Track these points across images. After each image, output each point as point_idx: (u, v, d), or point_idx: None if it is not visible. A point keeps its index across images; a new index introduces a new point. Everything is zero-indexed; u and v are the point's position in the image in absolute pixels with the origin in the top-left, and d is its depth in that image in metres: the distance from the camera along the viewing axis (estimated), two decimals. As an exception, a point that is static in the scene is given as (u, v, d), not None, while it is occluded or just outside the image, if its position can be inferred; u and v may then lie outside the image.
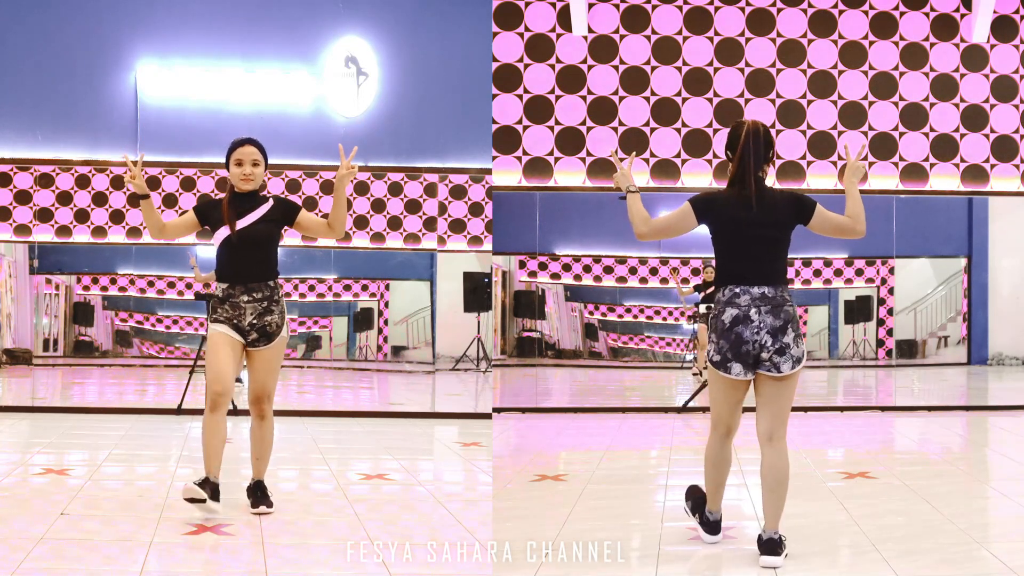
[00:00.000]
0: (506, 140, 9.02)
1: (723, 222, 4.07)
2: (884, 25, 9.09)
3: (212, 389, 4.70)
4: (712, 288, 4.48)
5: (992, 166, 9.14)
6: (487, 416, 8.44)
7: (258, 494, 4.85)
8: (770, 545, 4.00)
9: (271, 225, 4.84)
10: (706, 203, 4.08)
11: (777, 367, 4.00)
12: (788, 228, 4.09)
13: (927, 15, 9.10)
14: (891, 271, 10.19)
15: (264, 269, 4.83)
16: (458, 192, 10.17)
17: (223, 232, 4.77)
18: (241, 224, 4.75)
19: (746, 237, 4.03)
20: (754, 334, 3.99)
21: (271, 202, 4.86)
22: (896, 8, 9.09)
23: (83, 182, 9.73)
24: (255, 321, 4.77)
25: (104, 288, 10.37)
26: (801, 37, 9.06)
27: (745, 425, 6.33)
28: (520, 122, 9.02)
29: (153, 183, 9.80)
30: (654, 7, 9.02)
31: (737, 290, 4.02)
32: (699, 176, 9.01)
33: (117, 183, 9.77)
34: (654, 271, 10.48)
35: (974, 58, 9.11)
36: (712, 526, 4.34)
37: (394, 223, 10.22)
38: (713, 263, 4.44)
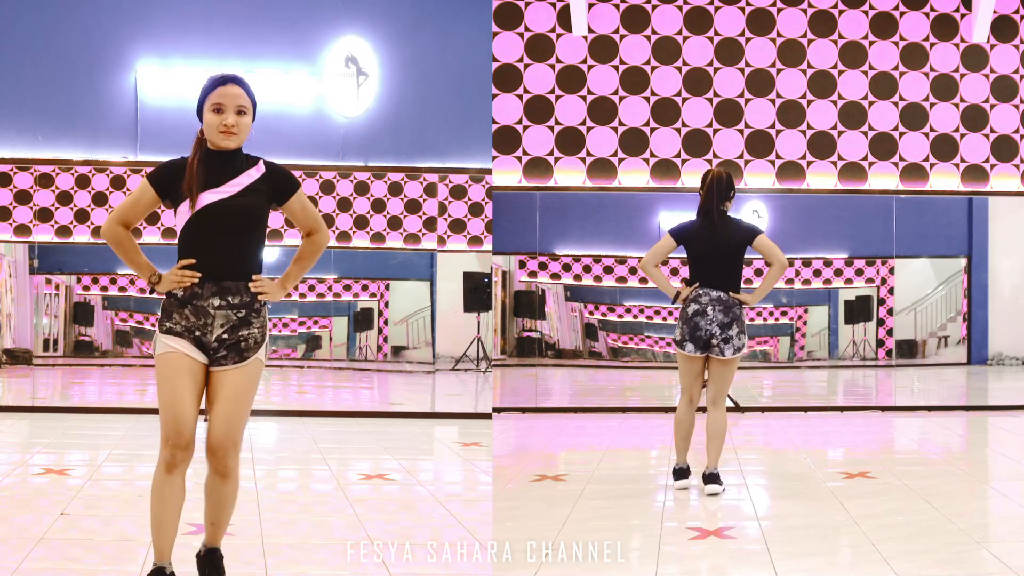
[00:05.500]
0: (506, 140, 9.02)
1: (693, 245, 5.44)
2: (884, 25, 9.09)
3: (170, 442, 3.36)
4: None
5: (992, 166, 9.14)
6: (487, 416, 8.44)
7: (208, 570, 3.61)
8: (711, 477, 5.31)
9: (257, 198, 3.50)
10: (680, 232, 5.47)
11: (722, 352, 5.33)
12: (740, 250, 5.39)
13: (927, 15, 9.10)
14: (891, 271, 10.19)
15: (246, 262, 3.48)
16: (458, 192, 10.17)
17: (186, 208, 3.44)
18: (211, 197, 3.42)
19: (708, 255, 5.39)
20: (707, 324, 5.32)
21: (262, 167, 3.53)
22: (896, 8, 9.09)
23: (83, 182, 9.73)
24: (226, 336, 3.43)
25: (104, 288, 10.37)
26: (801, 37, 9.06)
27: (745, 426, 6.33)
28: (520, 122, 9.02)
29: (153, 183, 9.79)
30: (654, 7, 9.02)
31: (700, 292, 5.38)
32: (699, 176, 8.98)
33: (117, 183, 9.77)
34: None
35: (974, 58, 9.11)
36: (679, 472, 5.48)
37: (394, 223, 10.22)
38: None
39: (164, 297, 3.47)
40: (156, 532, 3.43)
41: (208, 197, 3.41)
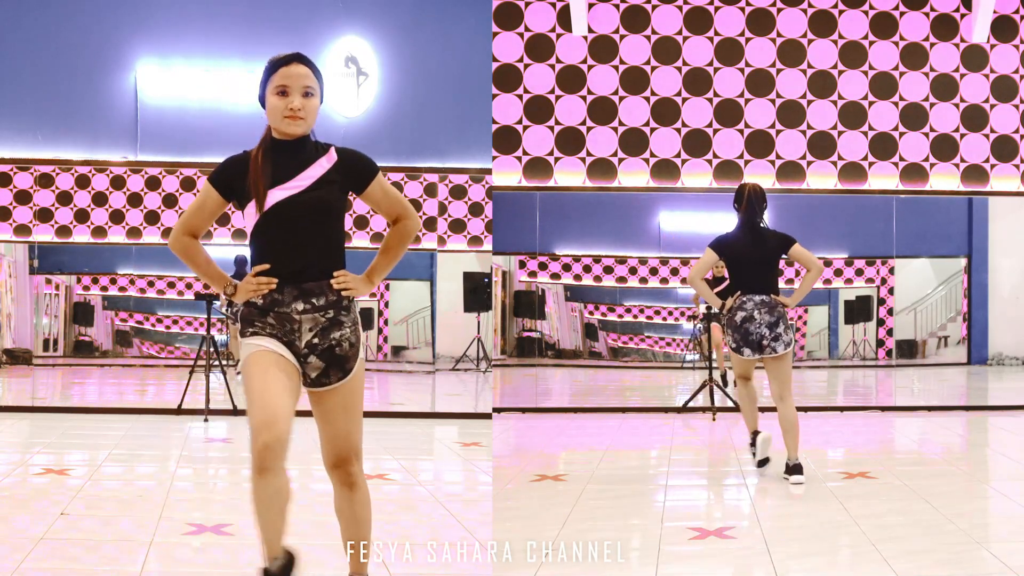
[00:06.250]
0: (506, 140, 9.01)
1: (733, 255, 5.84)
2: (884, 25, 9.09)
3: (260, 439, 2.96)
4: (725, 284, 6.18)
5: (992, 166, 9.14)
6: (487, 416, 8.44)
7: None
8: (795, 468, 5.62)
9: (332, 190, 3.16)
10: (720, 245, 5.85)
11: (774, 349, 5.75)
12: (777, 257, 5.84)
13: (927, 15, 9.10)
14: (891, 271, 10.19)
15: (326, 261, 3.17)
16: (458, 192, 10.17)
17: (253, 209, 3.13)
18: (280, 194, 3.10)
19: (749, 263, 5.79)
20: (757, 328, 5.72)
21: (333, 155, 3.19)
22: (896, 8, 9.09)
23: (83, 182, 9.73)
24: (317, 340, 3.16)
25: (104, 288, 10.37)
26: (801, 37, 9.06)
27: (745, 426, 6.33)
28: (520, 122, 9.02)
29: (153, 183, 9.80)
30: (654, 7, 9.02)
31: (744, 298, 5.76)
32: (699, 176, 9.01)
33: (117, 183, 9.77)
34: (654, 271, 10.47)
35: (974, 58, 9.11)
36: (755, 435, 5.98)
37: (394, 223, 10.21)
38: (721, 262, 6.00)
39: (242, 308, 3.16)
40: (264, 533, 3.04)
41: (277, 195, 3.09)
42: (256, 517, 3.03)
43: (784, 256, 5.86)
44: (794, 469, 5.65)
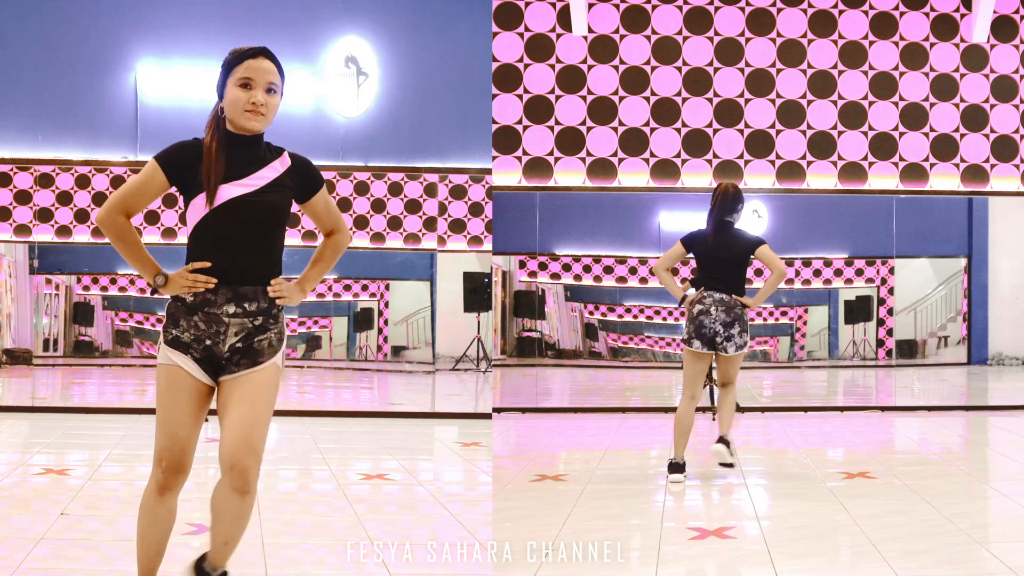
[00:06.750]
0: (506, 140, 9.01)
1: (700, 252, 5.87)
2: (884, 25, 9.08)
3: (164, 464, 3.04)
4: None
5: (992, 166, 9.14)
6: (487, 416, 8.44)
7: None
8: (723, 440, 5.79)
9: (283, 196, 3.12)
10: (690, 240, 5.92)
11: (725, 349, 5.75)
12: (744, 258, 5.84)
13: (927, 15, 9.10)
14: (891, 271, 10.18)
15: (266, 266, 3.11)
16: (458, 192, 10.17)
17: (201, 202, 3.02)
18: (233, 191, 3.02)
19: (714, 262, 5.81)
20: (712, 323, 5.72)
21: (287, 160, 3.18)
22: (896, 8, 9.09)
23: (83, 182, 9.73)
24: (240, 345, 3.07)
25: (104, 288, 10.37)
26: (801, 37, 9.06)
27: (745, 426, 6.33)
28: (520, 122, 9.02)
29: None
30: (654, 7, 9.02)
31: (705, 294, 5.79)
32: (699, 176, 9.01)
33: (117, 183, 9.76)
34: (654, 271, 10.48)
35: (974, 58, 9.10)
36: (675, 466, 5.68)
37: (394, 223, 10.22)
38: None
39: (169, 300, 3.06)
40: (143, 553, 3.14)
41: (229, 191, 3.00)
42: (142, 533, 3.12)
43: (753, 257, 5.88)
44: (722, 440, 5.81)
